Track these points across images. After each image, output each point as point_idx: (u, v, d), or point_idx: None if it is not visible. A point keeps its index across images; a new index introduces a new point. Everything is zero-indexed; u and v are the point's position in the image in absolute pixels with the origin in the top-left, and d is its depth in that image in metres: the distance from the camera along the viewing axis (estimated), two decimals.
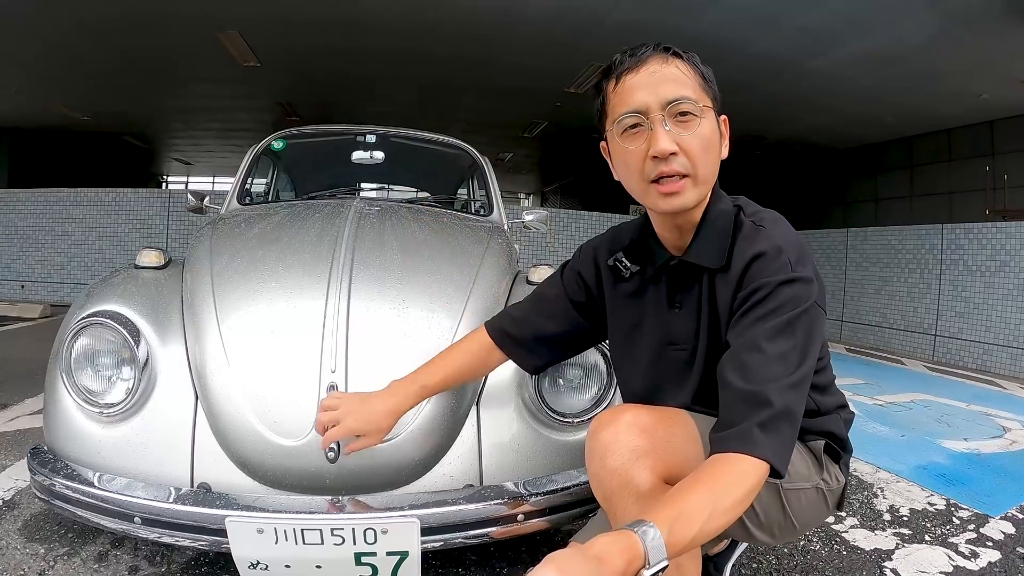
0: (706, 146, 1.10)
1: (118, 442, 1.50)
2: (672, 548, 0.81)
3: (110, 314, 1.57)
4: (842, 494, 1.32)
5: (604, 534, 0.80)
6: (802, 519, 1.25)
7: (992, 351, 5.92)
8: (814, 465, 1.26)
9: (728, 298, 1.12)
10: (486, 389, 1.58)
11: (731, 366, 1.02)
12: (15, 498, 2.06)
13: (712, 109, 1.12)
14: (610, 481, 1.12)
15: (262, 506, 1.33)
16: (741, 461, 0.93)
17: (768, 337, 1.01)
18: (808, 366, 1.03)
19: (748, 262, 1.09)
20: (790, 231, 1.15)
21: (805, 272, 1.06)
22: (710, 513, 0.87)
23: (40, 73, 7.81)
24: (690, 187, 1.11)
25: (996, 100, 7.34)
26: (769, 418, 0.95)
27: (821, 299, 1.10)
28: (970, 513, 2.32)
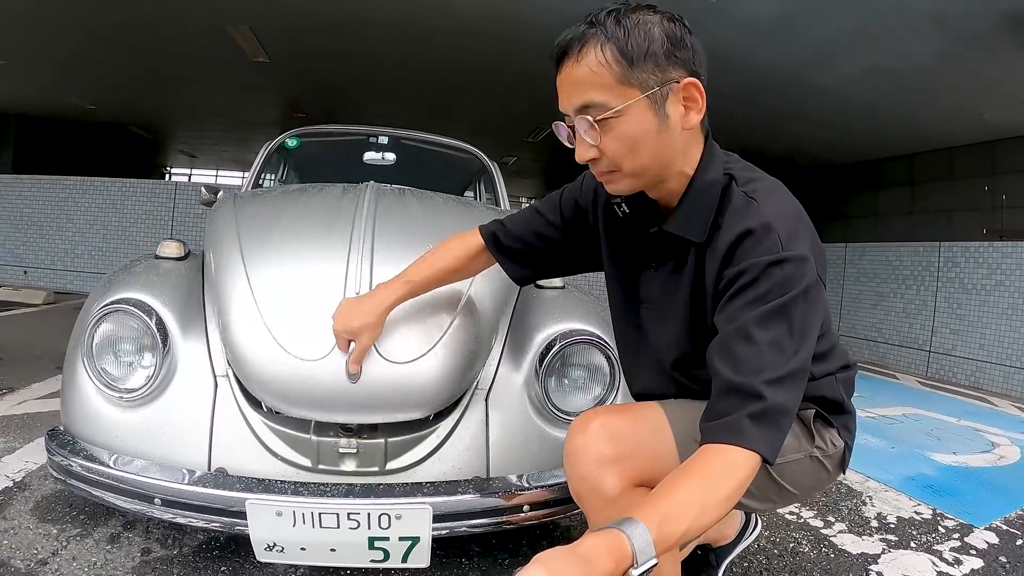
0: (628, 147, 1.04)
1: (137, 426, 1.55)
2: (661, 546, 0.81)
3: (133, 302, 1.62)
4: (844, 456, 1.29)
5: (593, 533, 0.80)
6: (801, 486, 1.25)
7: (985, 368, 5.99)
8: (804, 435, 1.24)
9: (714, 274, 1.08)
10: (495, 386, 1.64)
11: (721, 356, 0.99)
12: (26, 479, 2.10)
13: (641, 98, 1.01)
14: (580, 486, 1.17)
15: (281, 490, 1.38)
16: (731, 452, 0.92)
17: (758, 324, 0.97)
18: (805, 353, 0.99)
19: (735, 240, 1.03)
20: (785, 202, 1.08)
21: (798, 250, 1.00)
22: (700, 509, 0.86)
23: (51, 59, 7.83)
24: (620, 179, 1.09)
25: (998, 121, 7.40)
26: (762, 410, 0.93)
27: (822, 269, 1.06)
28: (955, 523, 2.38)
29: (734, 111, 7.42)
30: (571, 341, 1.65)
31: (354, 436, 1.47)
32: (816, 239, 1.07)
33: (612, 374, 1.65)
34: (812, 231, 1.08)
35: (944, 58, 5.77)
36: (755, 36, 5.72)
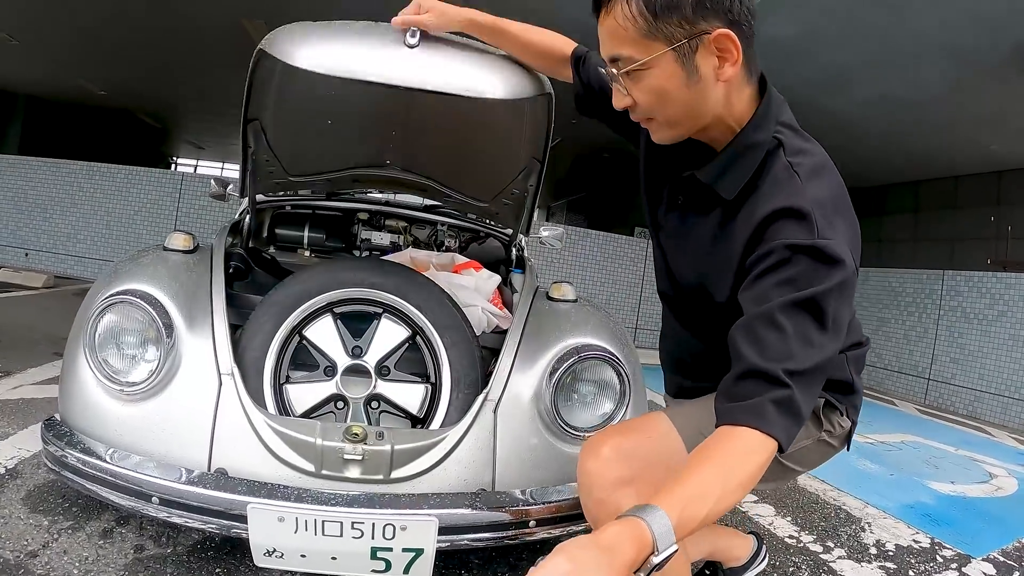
0: (656, 98, 1.03)
1: (137, 421, 1.52)
2: (681, 531, 0.80)
3: (139, 293, 1.60)
4: (849, 432, 1.30)
5: (613, 522, 0.79)
6: (808, 464, 1.29)
7: (983, 399, 5.98)
8: (813, 424, 1.24)
9: (742, 242, 1.05)
10: (504, 398, 1.62)
11: (747, 339, 0.96)
12: (18, 467, 2.07)
13: (666, 51, 0.98)
14: (597, 511, 1.16)
15: (284, 495, 1.36)
16: (752, 436, 0.90)
17: (788, 311, 0.94)
18: (833, 347, 0.97)
19: (769, 215, 1.01)
20: (829, 185, 1.04)
21: (834, 240, 0.97)
22: (720, 493, 0.85)
23: (65, 41, 7.81)
24: (659, 127, 1.08)
25: (1005, 151, 7.41)
26: (787, 398, 0.91)
27: (857, 257, 1.02)
28: (953, 552, 2.37)
29: None
30: (583, 356, 1.63)
31: (360, 442, 1.45)
32: (855, 226, 1.05)
33: (623, 391, 1.63)
34: (852, 218, 1.05)
35: (955, 88, 5.79)
36: (770, 59, 5.71)
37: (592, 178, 12.95)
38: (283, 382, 1.63)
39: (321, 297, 1.66)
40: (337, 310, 1.69)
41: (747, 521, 2.42)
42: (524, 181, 2.26)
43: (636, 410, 1.67)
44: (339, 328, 1.67)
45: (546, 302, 1.88)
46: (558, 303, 1.88)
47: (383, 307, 1.69)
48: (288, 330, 1.64)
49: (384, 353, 1.65)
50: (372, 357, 1.65)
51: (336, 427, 1.47)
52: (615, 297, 8.34)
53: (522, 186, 2.30)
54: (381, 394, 1.63)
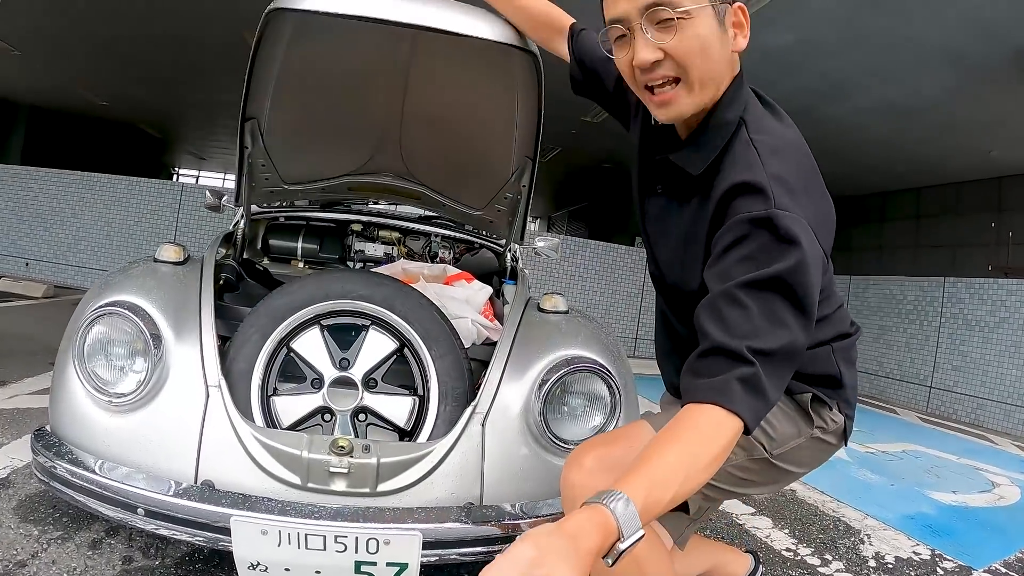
0: (699, 48, 1.01)
1: (124, 432, 1.52)
2: (647, 516, 0.80)
3: (127, 304, 1.60)
4: (845, 427, 1.28)
5: (578, 509, 0.79)
6: (805, 464, 1.26)
7: (986, 406, 5.94)
8: (803, 420, 1.22)
9: (707, 219, 1.07)
10: (492, 411, 1.61)
11: (710, 316, 0.96)
12: (10, 477, 2.07)
13: (710, 5, 1.01)
14: None
15: (267, 508, 1.35)
16: (716, 414, 0.89)
17: (749, 289, 0.93)
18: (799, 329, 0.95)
19: (727, 190, 1.02)
20: (789, 160, 1.04)
21: (792, 210, 0.96)
22: (686, 474, 0.85)
23: (67, 52, 7.83)
24: (684, 94, 1.05)
25: (1006, 157, 7.40)
26: (752, 375, 0.90)
27: (824, 237, 1.01)
28: (954, 564, 2.34)
29: None
30: (572, 368, 1.62)
31: (346, 455, 1.43)
32: (820, 204, 1.04)
33: (613, 403, 1.62)
34: (817, 196, 1.04)
35: (954, 94, 5.79)
36: (770, 67, 5.74)
37: (592, 188, 12.97)
38: (270, 394, 1.62)
39: (309, 309, 1.66)
40: (325, 322, 1.68)
41: (744, 534, 2.40)
42: (517, 182, 2.26)
43: (627, 423, 1.66)
44: (326, 340, 1.66)
45: (537, 313, 1.87)
46: (549, 314, 1.87)
47: (371, 319, 1.68)
48: (276, 342, 1.64)
49: (371, 365, 1.64)
50: (359, 369, 1.64)
51: (323, 440, 1.47)
52: (615, 307, 8.32)
53: (515, 188, 2.30)
54: (368, 407, 1.62)
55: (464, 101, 2.22)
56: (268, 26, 1.75)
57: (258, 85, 2.03)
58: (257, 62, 1.91)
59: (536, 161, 2.22)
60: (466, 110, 2.26)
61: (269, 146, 2.29)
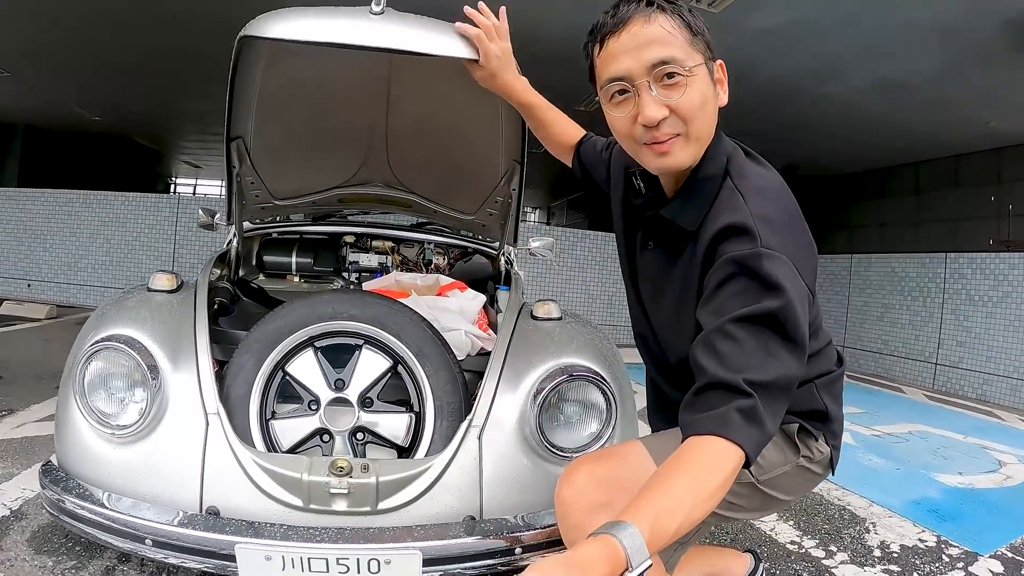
0: (700, 105, 1.06)
1: (129, 463, 1.54)
2: (654, 546, 0.80)
3: (123, 338, 1.61)
4: (831, 458, 1.30)
5: (586, 540, 0.79)
6: (791, 492, 1.28)
7: (992, 381, 5.94)
8: (789, 449, 1.25)
9: (697, 264, 1.10)
10: (488, 424, 1.62)
11: (705, 352, 0.98)
12: (23, 508, 2.09)
13: (704, 62, 1.06)
14: (575, 536, 1.16)
15: (270, 534, 1.36)
16: (717, 444, 0.90)
17: (741, 324, 0.96)
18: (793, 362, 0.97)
19: (715, 234, 1.05)
20: (773, 201, 1.08)
21: (777, 251, 0.99)
22: (691, 504, 0.85)
23: (57, 69, 7.82)
24: (682, 145, 1.08)
25: (1004, 128, 7.35)
26: (750, 407, 0.92)
27: (807, 275, 1.04)
28: (960, 551, 2.34)
29: (740, 122, 7.39)
30: (568, 377, 1.63)
31: (346, 476, 1.45)
32: (804, 243, 1.07)
33: (609, 410, 1.63)
34: (801, 236, 1.07)
35: (949, 68, 5.76)
36: (763, 47, 5.71)
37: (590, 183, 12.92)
38: (269, 418, 1.64)
39: (301, 332, 1.67)
40: (318, 344, 1.69)
41: (748, 528, 2.41)
42: (507, 186, 2.27)
43: (623, 429, 1.67)
44: (320, 362, 1.68)
45: (530, 321, 1.88)
46: (542, 322, 1.88)
47: (363, 338, 1.69)
48: (271, 367, 1.65)
49: (366, 384, 1.66)
50: (354, 389, 1.65)
51: (322, 461, 1.48)
52: (616, 298, 8.29)
53: (505, 192, 2.31)
54: (365, 425, 1.64)
55: (447, 109, 2.23)
56: (241, 52, 1.77)
57: (240, 106, 2.04)
58: (236, 85, 1.93)
59: (524, 164, 2.24)
60: (450, 118, 2.27)
61: (257, 163, 2.30)
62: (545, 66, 6.60)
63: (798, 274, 1.00)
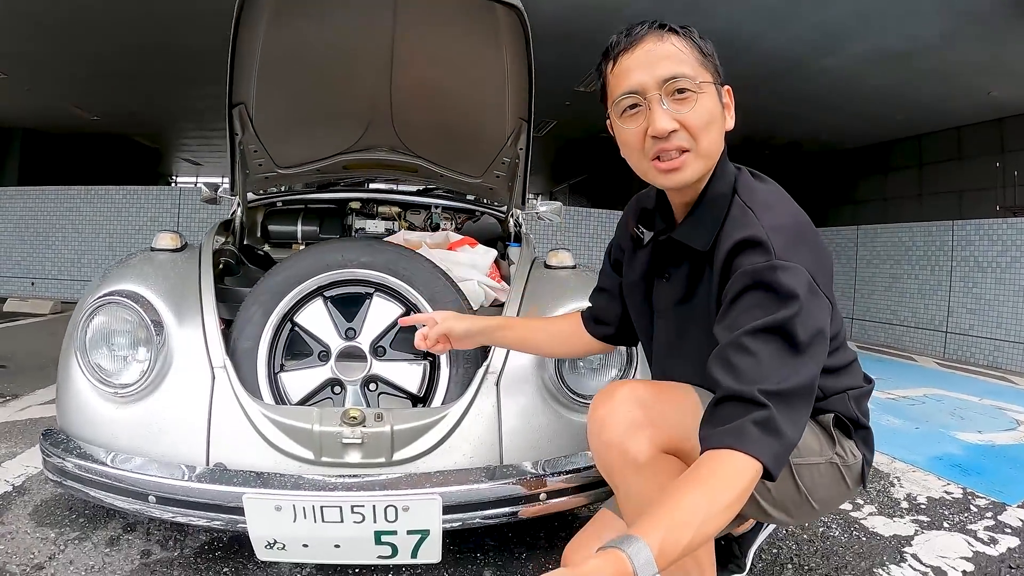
0: (708, 121, 1.09)
1: (132, 423, 1.49)
2: (663, 561, 0.80)
3: (127, 293, 1.57)
4: (863, 470, 1.29)
5: (594, 556, 0.79)
6: (818, 495, 1.23)
7: (1003, 347, 5.87)
8: (825, 439, 1.23)
9: (715, 284, 1.11)
10: (505, 371, 1.57)
11: (720, 366, 0.98)
12: (25, 484, 2.05)
13: (713, 83, 1.11)
14: (608, 455, 1.13)
15: (280, 484, 1.31)
16: (734, 458, 0.90)
17: (757, 336, 0.97)
18: (808, 372, 0.98)
19: (730, 250, 1.06)
20: (783, 213, 1.10)
21: (792, 261, 1.00)
22: (704, 518, 0.85)
23: (54, 71, 7.79)
24: (691, 161, 1.10)
25: (1005, 97, 7.28)
26: (766, 418, 0.92)
27: (824, 283, 1.04)
28: (987, 501, 2.30)
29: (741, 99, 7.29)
30: None
31: (359, 425, 1.40)
32: (819, 252, 1.08)
33: (628, 353, 1.58)
34: (815, 244, 1.08)
35: (948, 36, 5.69)
36: (762, 20, 5.65)
37: (591, 159, 12.87)
38: (278, 371, 1.58)
39: (310, 281, 1.62)
40: (327, 293, 1.64)
41: None
42: (514, 146, 2.21)
43: (644, 372, 1.61)
44: (330, 311, 1.62)
45: (544, 270, 1.83)
46: (556, 270, 1.82)
47: (374, 286, 1.64)
48: (279, 318, 1.60)
49: (378, 333, 1.60)
50: (366, 338, 1.59)
51: (334, 412, 1.43)
52: None
53: (512, 152, 2.25)
54: (378, 375, 1.58)
55: (452, 65, 2.16)
56: (243, 9, 1.71)
57: (242, 68, 1.98)
58: (238, 45, 1.87)
59: (531, 122, 2.18)
60: (455, 74, 2.20)
61: (260, 130, 2.24)
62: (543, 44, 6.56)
63: (814, 283, 1.01)
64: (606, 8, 5.53)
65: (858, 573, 1.71)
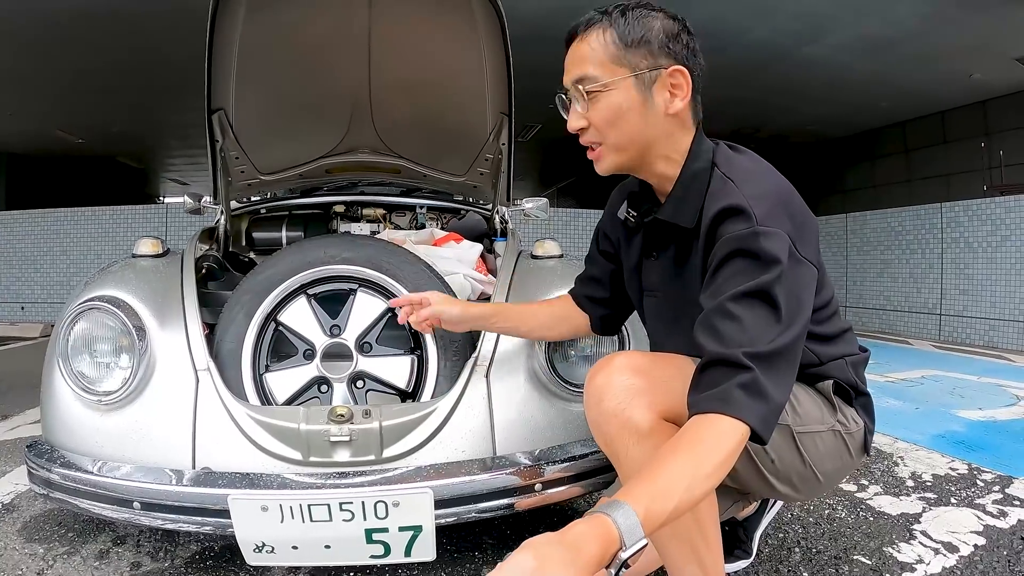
0: (612, 118, 1.11)
1: (117, 430, 1.46)
2: (650, 525, 0.80)
3: (108, 299, 1.54)
4: (865, 439, 1.28)
5: (580, 520, 0.79)
6: (823, 467, 1.22)
7: (999, 327, 5.88)
8: (826, 406, 1.23)
9: (700, 257, 1.12)
10: (495, 361, 1.54)
11: (705, 331, 0.99)
12: (14, 501, 2.01)
13: (630, 76, 1.10)
14: (608, 425, 1.11)
15: (266, 484, 1.28)
16: (720, 422, 0.90)
17: (741, 301, 0.97)
18: (792, 334, 0.98)
19: (712, 221, 1.07)
20: (763, 181, 1.10)
21: (772, 227, 1.01)
22: (690, 482, 0.85)
23: (36, 90, 7.73)
24: (605, 153, 1.15)
25: (988, 80, 7.32)
26: (751, 380, 0.92)
27: (808, 251, 1.05)
28: (993, 475, 2.28)
29: (726, 91, 7.33)
30: None
31: (346, 422, 1.36)
32: (802, 219, 1.08)
33: (621, 338, 1.55)
34: (797, 211, 1.08)
35: (931, 20, 5.71)
36: (744, 11, 5.64)
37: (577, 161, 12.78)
38: (263, 372, 1.55)
39: (292, 280, 1.58)
40: (311, 291, 1.61)
41: None
42: (496, 141, 2.18)
43: None
44: (314, 309, 1.59)
45: (531, 261, 1.80)
46: (543, 260, 1.80)
47: (358, 282, 1.61)
48: (263, 318, 1.56)
49: (363, 328, 1.57)
50: (351, 334, 1.56)
51: (320, 410, 1.40)
52: None
53: (495, 148, 2.22)
54: (365, 371, 1.55)
55: (430, 60, 2.14)
56: (219, 9, 1.68)
57: (219, 73, 1.95)
58: (215, 48, 1.84)
59: (512, 116, 2.15)
60: (434, 70, 2.18)
61: (240, 136, 2.22)
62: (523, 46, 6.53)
63: (795, 248, 1.02)
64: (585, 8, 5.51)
65: (868, 552, 1.68)
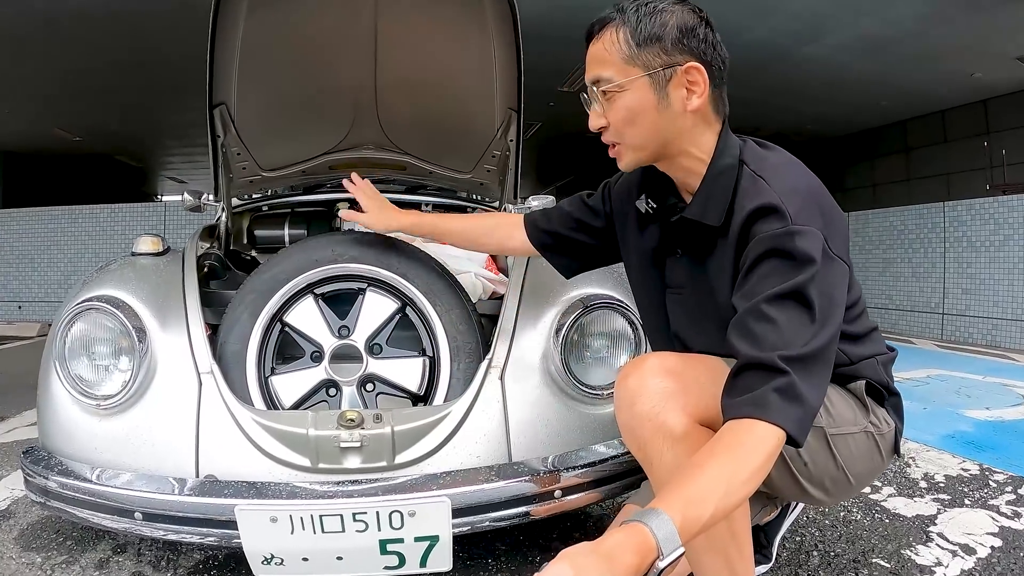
0: (628, 118, 1.11)
1: (117, 435, 1.41)
2: (687, 533, 0.79)
3: (107, 298, 1.49)
4: (896, 440, 1.25)
5: (616, 528, 0.79)
6: (855, 469, 1.19)
7: (1001, 326, 5.85)
8: (859, 407, 1.20)
9: (731, 256, 1.10)
10: (510, 363, 1.49)
11: (739, 334, 0.97)
12: (11, 508, 1.96)
13: (644, 76, 1.08)
14: (641, 428, 1.08)
15: (275, 493, 1.23)
16: (756, 427, 0.89)
17: (775, 303, 0.96)
18: (827, 335, 0.96)
19: (745, 219, 1.06)
20: (795, 178, 1.09)
21: (807, 226, 1.00)
22: (726, 489, 0.83)
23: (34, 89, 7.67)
24: (624, 151, 1.15)
25: (989, 78, 7.29)
26: (787, 384, 0.90)
27: (839, 247, 1.03)
28: (1005, 476, 2.26)
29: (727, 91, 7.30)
30: (588, 307, 1.51)
31: (357, 428, 1.31)
32: (832, 216, 1.07)
33: (637, 339, 1.50)
34: (828, 208, 1.07)
35: (931, 19, 5.68)
36: (744, 10, 5.61)
37: (578, 160, 12.81)
38: (268, 375, 1.50)
39: (299, 279, 1.53)
40: (318, 291, 1.56)
41: None
42: (504, 138, 2.14)
43: None
44: (322, 309, 1.54)
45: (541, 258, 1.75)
46: None
47: (367, 281, 1.56)
48: (268, 318, 1.51)
49: (373, 329, 1.52)
50: (361, 336, 1.51)
51: (329, 415, 1.35)
52: None
53: (502, 145, 2.17)
54: (375, 374, 1.50)
55: (438, 55, 2.09)
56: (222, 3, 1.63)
57: (222, 67, 1.90)
58: (217, 42, 1.79)
59: (521, 112, 2.11)
60: (441, 65, 2.13)
61: (242, 131, 2.16)
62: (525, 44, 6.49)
63: (827, 245, 1.01)
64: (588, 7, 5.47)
65: (886, 556, 1.65)
